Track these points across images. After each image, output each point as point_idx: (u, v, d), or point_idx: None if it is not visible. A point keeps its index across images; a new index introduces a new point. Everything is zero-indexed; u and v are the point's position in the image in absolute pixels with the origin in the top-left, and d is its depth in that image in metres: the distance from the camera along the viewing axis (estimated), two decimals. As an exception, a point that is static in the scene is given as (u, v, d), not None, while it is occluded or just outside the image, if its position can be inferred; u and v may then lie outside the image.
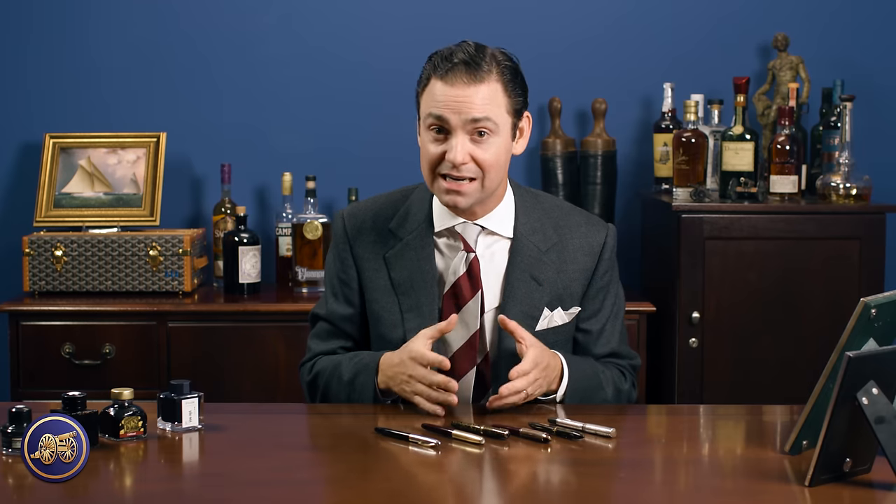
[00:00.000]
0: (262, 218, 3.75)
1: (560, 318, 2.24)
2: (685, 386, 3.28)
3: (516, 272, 2.22)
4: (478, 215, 2.22)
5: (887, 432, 1.64)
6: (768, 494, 1.68)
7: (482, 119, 2.11)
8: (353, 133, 3.71)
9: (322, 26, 3.72)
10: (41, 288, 3.41)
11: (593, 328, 2.28)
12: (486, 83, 2.11)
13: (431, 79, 2.14)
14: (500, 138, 2.14)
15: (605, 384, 2.23)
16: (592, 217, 2.35)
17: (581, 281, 2.27)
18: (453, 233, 2.23)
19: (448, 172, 2.13)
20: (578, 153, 3.66)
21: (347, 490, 1.73)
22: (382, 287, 2.24)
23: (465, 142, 2.11)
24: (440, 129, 2.13)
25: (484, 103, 2.11)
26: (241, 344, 3.30)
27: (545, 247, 2.25)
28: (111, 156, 3.59)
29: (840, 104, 3.37)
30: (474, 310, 2.19)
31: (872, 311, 1.73)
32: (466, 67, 2.10)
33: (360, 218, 2.29)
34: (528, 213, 2.26)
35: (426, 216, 2.25)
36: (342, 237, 2.29)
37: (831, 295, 3.26)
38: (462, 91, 2.10)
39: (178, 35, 3.72)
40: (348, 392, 2.20)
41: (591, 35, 3.73)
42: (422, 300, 2.21)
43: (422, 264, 2.22)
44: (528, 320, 2.20)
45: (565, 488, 1.76)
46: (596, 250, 2.28)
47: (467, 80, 2.10)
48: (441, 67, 2.12)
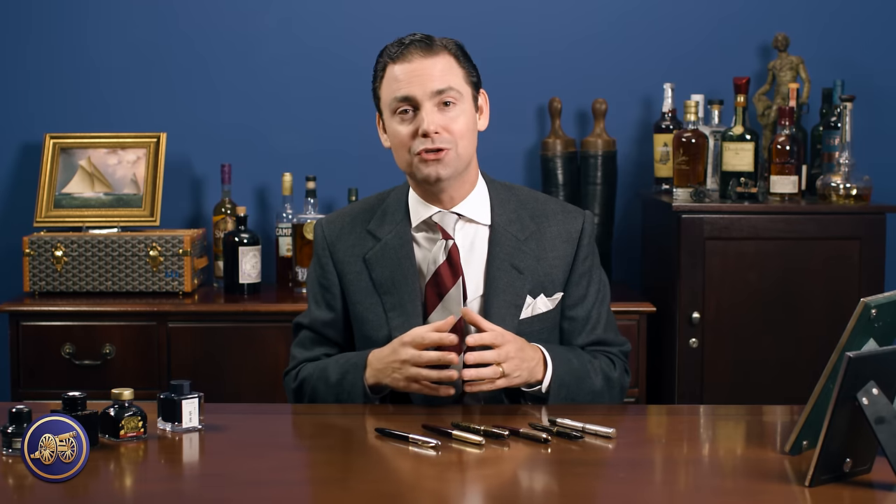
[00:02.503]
0: (263, 218, 3.75)
1: (544, 305, 2.26)
2: (685, 386, 3.28)
3: (497, 262, 2.24)
4: (455, 201, 2.25)
5: (887, 432, 1.64)
6: (768, 494, 1.68)
7: (445, 89, 2.18)
8: (353, 133, 3.71)
9: (322, 26, 3.72)
10: (41, 288, 3.42)
11: (579, 315, 2.29)
12: (440, 55, 2.19)
13: (387, 66, 2.21)
14: (466, 107, 2.21)
15: (594, 373, 2.23)
16: (568, 205, 2.37)
17: (562, 268, 2.28)
18: (431, 224, 2.25)
19: (424, 147, 2.17)
20: (578, 153, 3.66)
21: (347, 490, 1.73)
22: (365, 289, 2.26)
23: (434, 112, 2.17)
24: (406, 110, 2.18)
25: (443, 74, 2.18)
26: (241, 344, 3.30)
27: (523, 236, 2.27)
28: (111, 156, 3.59)
29: (840, 104, 3.37)
30: (456, 296, 2.21)
31: (872, 311, 1.73)
32: (420, 44, 2.19)
33: (339, 224, 2.33)
34: (503, 204, 2.29)
35: (403, 213, 2.28)
36: (322, 244, 2.32)
37: (831, 295, 3.26)
38: (420, 64, 2.18)
39: (178, 35, 3.72)
40: (337, 393, 2.20)
41: (592, 35, 3.73)
42: (404, 297, 2.22)
43: (402, 262, 2.24)
44: (512, 309, 2.22)
45: (565, 488, 1.76)
46: (574, 237, 2.30)
47: (423, 53, 2.19)
48: (395, 52, 2.20)
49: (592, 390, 2.22)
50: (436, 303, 2.21)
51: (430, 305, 2.22)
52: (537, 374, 2.16)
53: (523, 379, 2.13)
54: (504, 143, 3.69)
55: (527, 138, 3.75)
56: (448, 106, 2.18)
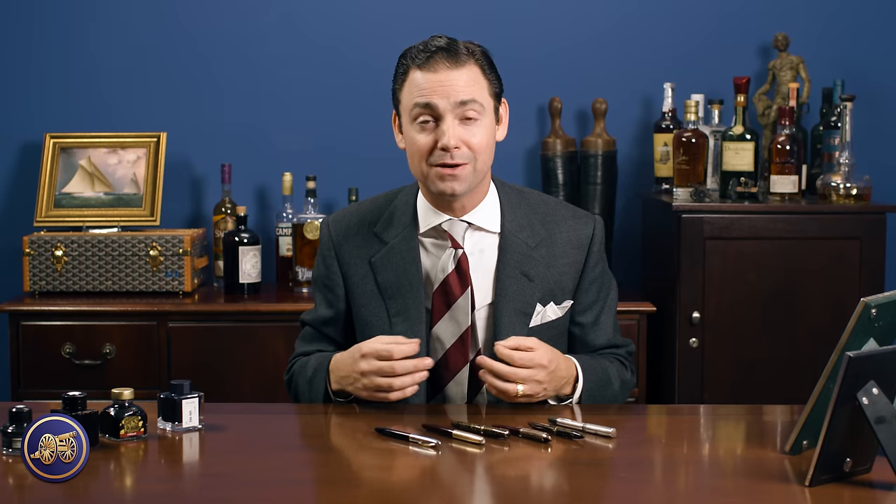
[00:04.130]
0: (263, 218, 3.75)
1: (553, 313, 2.24)
2: (685, 386, 3.28)
3: (506, 269, 2.21)
4: (466, 210, 2.22)
5: (887, 432, 1.64)
6: (768, 494, 1.68)
7: (469, 101, 2.12)
8: (353, 133, 3.71)
9: (322, 26, 3.72)
10: (41, 288, 3.42)
11: (588, 320, 2.28)
12: (466, 67, 2.13)
13: (410, 70, 2.15)
14: (487, 121, 2.16)
15: (613, 379, 2.24)
16: (579, 210, 2.34)
17: (572, 274, 2.26)
18: (440, 231, 2.22)
19: (442, 161, 2.13)
20: (579, 153, 3.66)
21: (347, 490, 1.73)
22: (370, 292, 2.24)
23: (455, 125, 2.12)
24: (427, 119, 2.13)
25: (468, 85, 2.12)
26: (241, 344, 3.30)
27: (534, 242, 2.24)
28: (111, 156, 3.59)
29: (840, 104, 3.37)
30: (465, 306, 2.19)
31: (873, 311, 1.73)
32: (446, 53, 2.12)
33: (345, 224, 2.29)
34: (514, 209, 2.26)
35: (411, 217, 2.24)
36: (327, 243, 2.29)
37: (831, 295, 3.26)
38: (445, 75, 2.11)
39: (178, 35, 3.72)
40: (307, 391, 2.20)
41: (592, 35, 3.73)
42: (409, 303, 2.20)
43: (407, 267, 2.21)
44: (521, 317, 2.20)
45: (565, 488, 1.76)
46: (584, 243, 2.28)
47: (449, 64, 2.12)
48: (419, 58, 2.13)
49: (613, 395, 2.23)
50: (443, 311, 2.19)
51: (437, 314, 2.19)
52: (565, 390, 2.16)
53: (547, 395, 2.12)
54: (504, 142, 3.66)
55: (527, 138, 3.74)
56: (470, 120, 2.13)
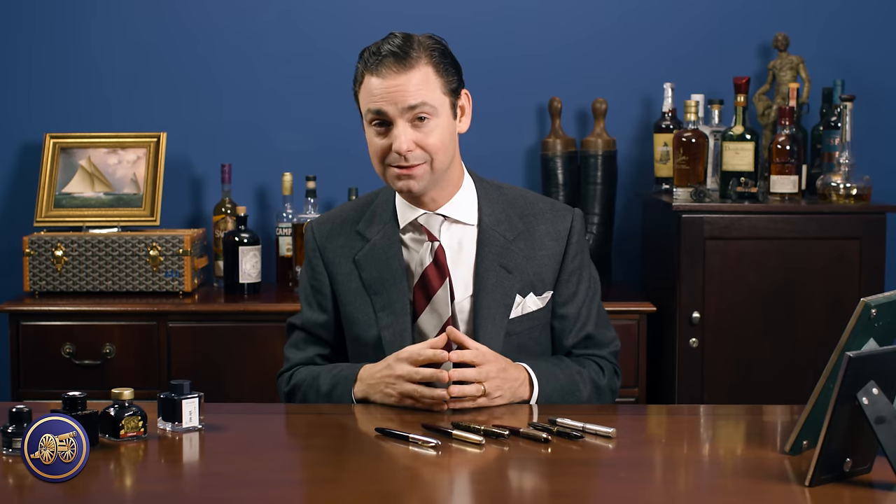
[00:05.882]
0: (263, 218, 3.75)
1: (534, 304, 2.26)
2: (685, 386, 3.28)
3: (485, 263, 2.24)
4: (438, 203, 2.24)
5: (887, 432, 1.64)
6: (768, 494, 1.68)
7: (418, 105, 2.14)
8: (353, 133, 3.68)
9: (322, 25, 3.72)
10: (41, 288, 3.42)
11: (569, 313, 2.29)
12: (416, 69, 2.15)
13: (364, 75, 2.18)
14: (441, 119, 2.17)
15: (582, 385, 2.23)
16: (557, 203, 2.36)
17: (552, 266, 2.28)
18: (417, 226, 2.25)
19: (397, 163, 2.17)
20: (579, 153, 3.66)
21: (347, 490, 1.73)
22: (355, 289, 2.26)
23: (406, 130, 2.15)
24: (381, 123, 2.17)
25: (417, 89, 2.14)
26: (241, 344, 3.30)
27: (512, 236, 2.26)
28: (111, 156, 3.59)
29: (840, 104, 3.37)
30: (444, 298, 2.22)
31: (873, 311, 1.73)
32: (395, 57, 2.14)
33: (328, 225, 2.33)
34: (491, 203, 2.28)
35: (391, 214, 2.28)
36: (312, 246, 2.32)
37: (831, 295, 3.26)
38: (393, 81, 2.14)
39: (178, 35, 3.72)
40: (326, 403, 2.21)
41: (592, 35, 3.73)
42: (393, 297, 2.23)
43: (390, 262, 2.24)
44: (501, 309, 2.22)
45: (565, 488, 1.76)
46: (563, 235, 2.29)
47: (397, 69, 2.14)
48: (371, 62, 2.17)
49: (580, 402, 2.23)
50: (424, 304, 2.22)
51: (418, 307, 2.23)
52: (522, 394, 2.16)
53: (506, 399, 2.13)
54: (504, 143, 3.69)
55: (527, 138, 3.74)
56: (423, 121, 2.15)
